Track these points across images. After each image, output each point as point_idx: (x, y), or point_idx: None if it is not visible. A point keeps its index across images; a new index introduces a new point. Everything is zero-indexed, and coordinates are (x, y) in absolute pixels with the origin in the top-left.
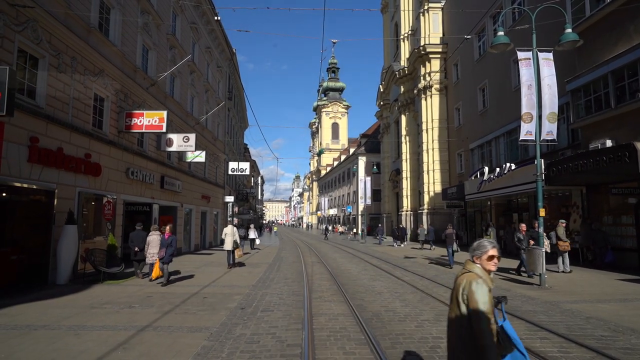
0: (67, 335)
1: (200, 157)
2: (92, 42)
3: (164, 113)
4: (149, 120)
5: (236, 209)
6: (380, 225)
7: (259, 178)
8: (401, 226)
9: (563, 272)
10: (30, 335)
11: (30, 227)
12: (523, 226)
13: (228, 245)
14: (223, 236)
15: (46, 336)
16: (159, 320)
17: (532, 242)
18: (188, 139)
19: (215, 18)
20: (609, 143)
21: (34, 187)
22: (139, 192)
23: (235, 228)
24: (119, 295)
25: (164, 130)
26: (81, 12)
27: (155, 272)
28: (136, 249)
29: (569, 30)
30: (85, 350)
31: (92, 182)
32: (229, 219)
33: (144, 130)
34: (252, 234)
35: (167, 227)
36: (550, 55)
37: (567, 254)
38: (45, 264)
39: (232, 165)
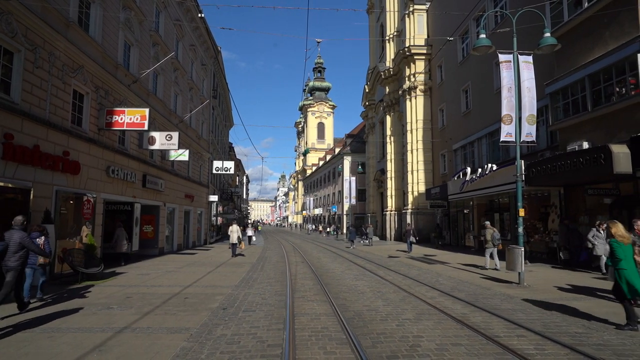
0: (40, 338)
1: (183, 155)
2: (71, 37)
3: (146, 111)
4: (131, 117)
5: (220, 209)
6: (350, 227)
7: (244, 177)
8: (368, 225)
9: (495, 269)
10: (0, 338)
11: (4, 226)
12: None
13: (233, 240)
14: (229, 232)
15: (17, 339)
16: (137, 321)
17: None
18: (171, 137)
19: (200, 15)
20: (585, 145)
21: (9, 185)
22: (120, 191)
23: (238, 226)
24: (97, 296)
25: (146, 128)
26: (59, 5)
27: None
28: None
29: (548, 34)
30: (59, 354)
31: (71, 181)
32: (213, 218)
33: (125, 128)
34: (250, 232)
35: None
36: (530, 59)
37: (495, 251)
38: None
39: (217, 164)
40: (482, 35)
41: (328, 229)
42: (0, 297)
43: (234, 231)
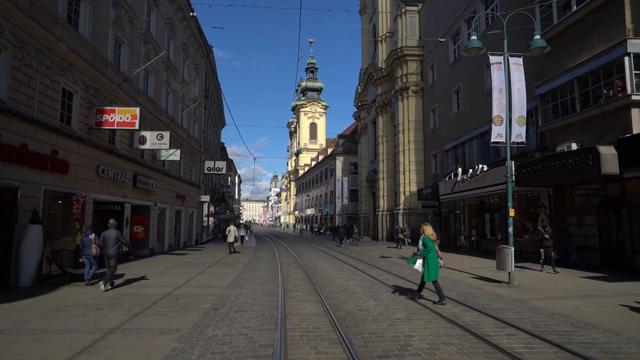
0: (27, 340)
1: (174, 155)
2: (60, 34)
3: (137, 110)
4: (121, 117)
5: (212, 209)
6: (339, 227)
7: (236, 177)
8: (353, 226)
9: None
10: None
11: None
12: None
13: (231, 238)
14: (227, 232)
15: (3, 341)
16: (127, 322)
17: None
18: (162, 137)
19: (191, 14)
20: (574, 146)
21: None
22: (110, 190)
23: (235, 227)
24: (86, 297)
25: (137, 127)
26: (48, 2)
27: None
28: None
29: (538, 36)
30: (46, 355)
31: (60, 180)
32: (205, 218)
33: (115, 127)
34: (242, 232)
35: None
36: (520, 61)
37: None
38: (6, 265)
39: (208, 164)
40: (473, 37)
41: (316, 229)
42: (108, 277)
43: (232, 231)
